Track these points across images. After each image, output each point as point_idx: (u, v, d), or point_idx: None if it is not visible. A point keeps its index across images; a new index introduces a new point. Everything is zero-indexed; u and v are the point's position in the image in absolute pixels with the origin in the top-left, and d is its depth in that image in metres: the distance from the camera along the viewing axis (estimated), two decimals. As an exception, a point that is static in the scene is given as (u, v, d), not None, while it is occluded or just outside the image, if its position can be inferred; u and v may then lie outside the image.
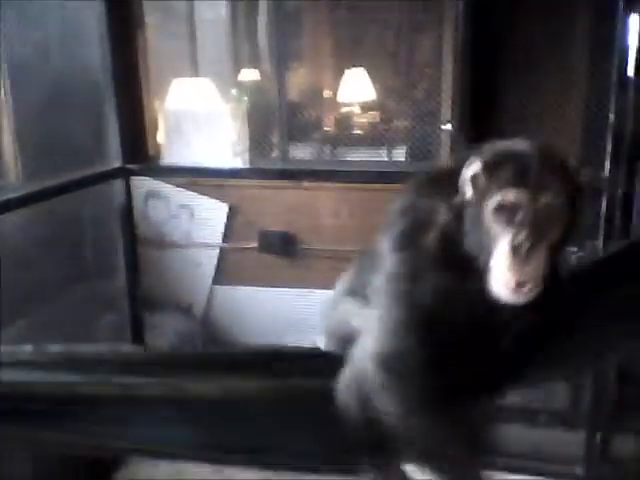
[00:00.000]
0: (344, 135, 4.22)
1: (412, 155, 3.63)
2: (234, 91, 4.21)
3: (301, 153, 3.89)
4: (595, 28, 3.15)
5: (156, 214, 3.81)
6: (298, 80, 4.53)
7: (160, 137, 3.89)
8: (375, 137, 3.98)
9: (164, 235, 3.85)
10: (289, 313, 3.65)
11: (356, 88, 4.53)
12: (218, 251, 3.84)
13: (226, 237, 3.81)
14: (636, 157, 2.72)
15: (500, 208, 1.26)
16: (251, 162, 3.75)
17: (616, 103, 2.68)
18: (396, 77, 4.45)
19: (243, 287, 3.82)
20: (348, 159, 3.93)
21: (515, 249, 1.23)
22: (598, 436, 3.03)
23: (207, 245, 3.84)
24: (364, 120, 4.60)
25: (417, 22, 4.33)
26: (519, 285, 1.24)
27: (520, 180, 1.24)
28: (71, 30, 3.37)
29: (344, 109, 4.66)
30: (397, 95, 4.40)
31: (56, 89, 3.26)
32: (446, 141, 3.20)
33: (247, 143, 3.78)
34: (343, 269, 1.60)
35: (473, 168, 1.29)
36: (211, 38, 4.73)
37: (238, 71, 4.70)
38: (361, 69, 4.47)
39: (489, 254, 1.27)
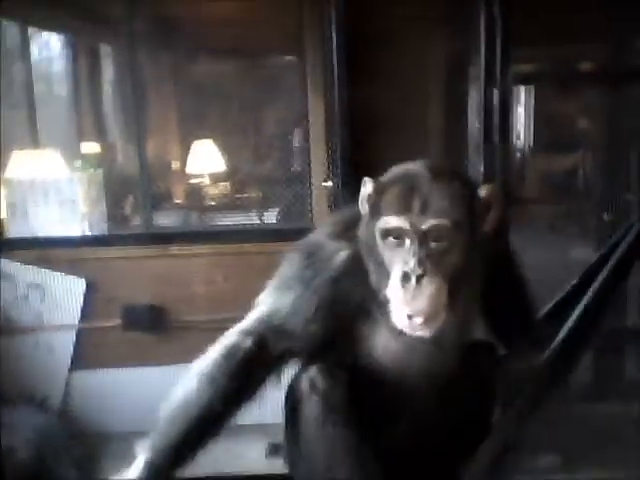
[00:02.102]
0: (212, 201, 4.09)
1: (284, 216, 3.55)
2: (79, 162, 3.95)
3: (166, 220, 3.67)
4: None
5: (1, 296, 3.36)
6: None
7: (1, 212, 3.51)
8: (245, 201, 3.87)
9: (11, 320, 3.41)
10: (161, 392, 3.31)
11: (205, 160, 4.46)
12: (74, 333, 3.45)
13: (84, 316, 3.44)
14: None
15: (386, 234, 1.19)
16: (110, 231, 3.47)
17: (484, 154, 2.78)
18: (246, 147, 4.45)
19: (106, 370, 3.44)
20: (218, 224, 3.76)
21: (404, 278, 1.15)
22: None
23: (61, 327, 3.44)
24: (215, 191, 4.52)
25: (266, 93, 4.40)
26: (413, 317, 1.15)
27: (404, 204, 1.18)
28: None
29: (193, 180, 4.55)
30: (250, 163, 4.38)
31: None
32: (321, 198, 3.17)
33: (104, 211, 3.50)
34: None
35: (366, 189, 1.24)
36: (51, 110, 4.47)
37: (79, 144, 4.46)
38: (209, 141, 4.42)
39: (385, 285, 1.19)
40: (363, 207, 1.25)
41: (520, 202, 3.52)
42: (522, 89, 3.94)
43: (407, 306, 1.15)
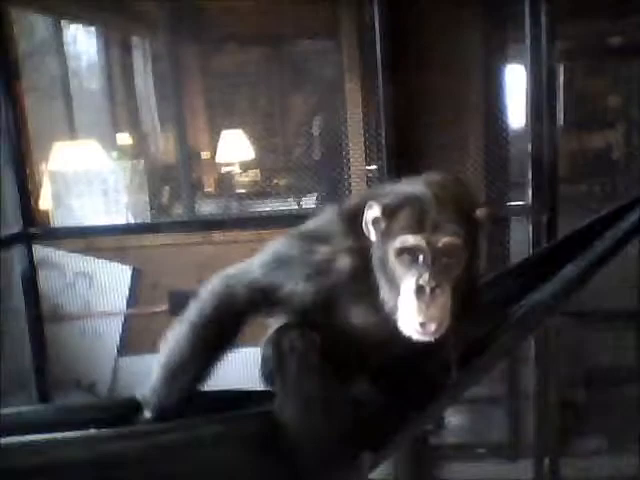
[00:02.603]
0: (251, 188, 4.15)
1: (323, 200, 3.59)
2: (115, 153, 4.02)
3: (207, 208, 3.73)
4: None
5: (49, 285, 3.45)
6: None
7: (45, 203, 3.58)
8: (281, 189, 3.92)
9: (59, 307, 3.49)
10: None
11: (234, 149, 4.51)
12: (123, 319, 3.54)
13: (131, 302, 3.52)
14: (555, 183, 2.83)
15: (401, 252, 1.31)
16: (153, 219, 3.53)
17: (532, 133, 2.79)
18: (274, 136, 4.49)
19: (154, 355, 3.51)
20: (258, 210, 3.82)
21: (419, 290, 1.29)
22: (546, 462, 3.04)
23: (109, 314, 3.53)
24: (245, 179, 4.57)
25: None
26: (425, 325, 1.29)
27: (417, 224, 1.30)
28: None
29: (224, 169, 4.60)
30: (279, 151, 4.43)
31: None
32: (360, 182, 3.20)
33: (147, 201, 3.57)
34: (264, 325, 1.57)
35: (373, 212, 1.34)
36: (86, 103, 4.54)
37: (115, 135, 4.53)
38: (239, 130, 4.47)
39: (396, 295, 1.32)
40: (369, 228, 1.35)
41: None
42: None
43: (422, 315, 1.28)
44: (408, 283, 1.30)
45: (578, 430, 3.16)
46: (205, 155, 4.68)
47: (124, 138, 4.56)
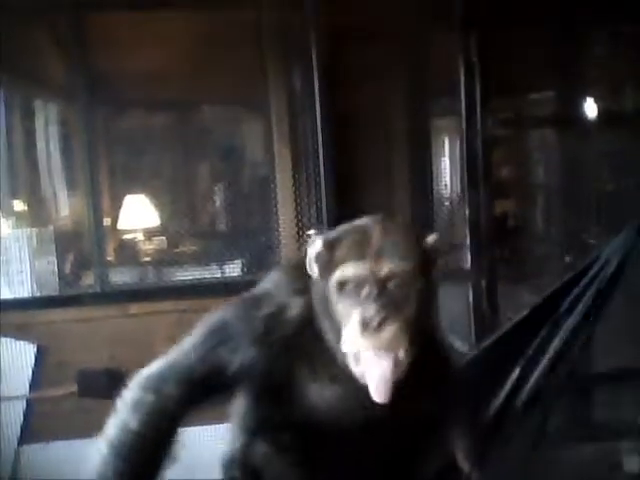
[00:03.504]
0: (157, 256, 3.93)
1: (249, 267, 3.45)
2: (12, 220, 3.74)
3: (120, 278, 3.48)
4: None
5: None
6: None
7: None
8: (203, 255, 3.74)
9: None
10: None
11: (137, 215, 4.30)
12: (25, 404, 3.19)
13: (35, 384, 3.19)
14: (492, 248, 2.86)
15: (343, 285, 1.19)
16: (61, 291, 3.26)
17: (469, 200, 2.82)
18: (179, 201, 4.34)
19: (60, 442, 3.18)
20: (179, 279, 3.59)
21: (365, 324, 1.14)
22: None
23: (9, 398, 3.18)
24: (150, 246, 4.36)
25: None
26: (380, 362, 1.15)
27: (359, 252, 1.19)
28: None
29: (125, 236, 4.38)
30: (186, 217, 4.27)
31: None
32: (290, 248, 3.11)
33: (55, 271, 3.29)
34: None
35: (315, 247, 1.24)
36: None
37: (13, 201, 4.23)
38: (141, 196, 4.28)
39: (341, 335, 1.19)
40: (312, 266, 1.24)
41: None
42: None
43: (371, 351, 1.14)
44: (353, 319, 1.15)
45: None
46: (106, 222, 4.45)
47: (21, 205, 4.27)
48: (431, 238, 1.25)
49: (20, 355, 3.17)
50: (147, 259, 4.03)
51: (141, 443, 1.27)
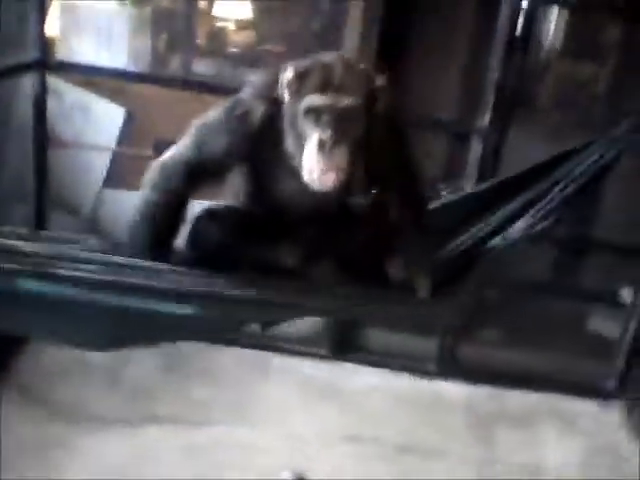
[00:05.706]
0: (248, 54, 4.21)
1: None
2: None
3: (203, 68, 3.89)
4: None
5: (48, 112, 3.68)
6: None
7: (52, 31, 3.73)
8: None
9: (55, 134, 3.75)
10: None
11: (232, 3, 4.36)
12: (110, 155, 3.82)
13: (120, 142, 3.79)
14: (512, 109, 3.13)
15: (309, 111, 1.55)
16: (153, 69, 3.72)
17: (502, 62, 3.05)
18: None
19: (133, 192, 3.81)
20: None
21: (320, 145, 1.52)
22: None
23: (98, 148, 3.80)
24: (238, 38, 4.45)
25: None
26: (326, 174, 1.52)
27: (324, 86, 1.54)
28: None
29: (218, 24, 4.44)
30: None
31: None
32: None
33: (149, 50, 3.74)
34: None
35: (287, 75, 1.57)
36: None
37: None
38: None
39: (302, 150, 1.56)
40: (284, 90, 1.57)
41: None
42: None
43: (323, 166, 1.51)
44: (312, 138, 1.53)
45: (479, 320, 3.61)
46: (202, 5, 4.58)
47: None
48: (380, 79, 1.59)
49: (112, 114, 3.74)
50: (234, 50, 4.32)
51: (159, 212, 1.70)
